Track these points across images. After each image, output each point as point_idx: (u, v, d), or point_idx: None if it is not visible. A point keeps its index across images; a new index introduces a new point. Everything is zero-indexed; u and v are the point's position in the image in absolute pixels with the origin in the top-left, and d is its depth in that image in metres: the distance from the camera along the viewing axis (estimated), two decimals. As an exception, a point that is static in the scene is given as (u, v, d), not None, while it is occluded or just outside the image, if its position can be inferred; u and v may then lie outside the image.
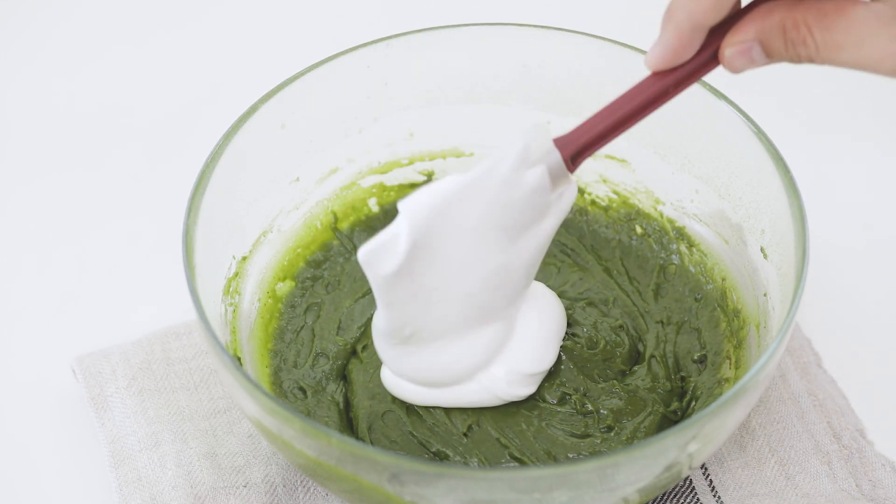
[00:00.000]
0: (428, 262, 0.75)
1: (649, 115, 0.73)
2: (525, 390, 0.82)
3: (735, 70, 0.69)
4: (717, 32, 0.70)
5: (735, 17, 0.69)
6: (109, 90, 1.09)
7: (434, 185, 0.74)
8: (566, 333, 0.85)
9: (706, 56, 0.70)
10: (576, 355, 0.84)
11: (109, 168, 1.04)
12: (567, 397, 0.83)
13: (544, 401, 0.83)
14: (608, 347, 0.85)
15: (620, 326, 0.86)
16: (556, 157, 0.75)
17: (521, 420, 0.82)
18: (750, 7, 0.69)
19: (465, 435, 0.81)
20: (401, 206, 0.74)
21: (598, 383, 0.83)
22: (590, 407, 0.82)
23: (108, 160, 1.04)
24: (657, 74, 0.71)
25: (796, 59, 0.68)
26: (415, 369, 0.81)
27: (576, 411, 0.82)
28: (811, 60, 0.67)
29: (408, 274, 0.75)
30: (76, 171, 1.03)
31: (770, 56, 0.69)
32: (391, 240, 0.74)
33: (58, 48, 1.12)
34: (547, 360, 0.83)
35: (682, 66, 0.71)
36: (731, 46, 0.69)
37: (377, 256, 0.75)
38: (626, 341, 0.86)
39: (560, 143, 0.75)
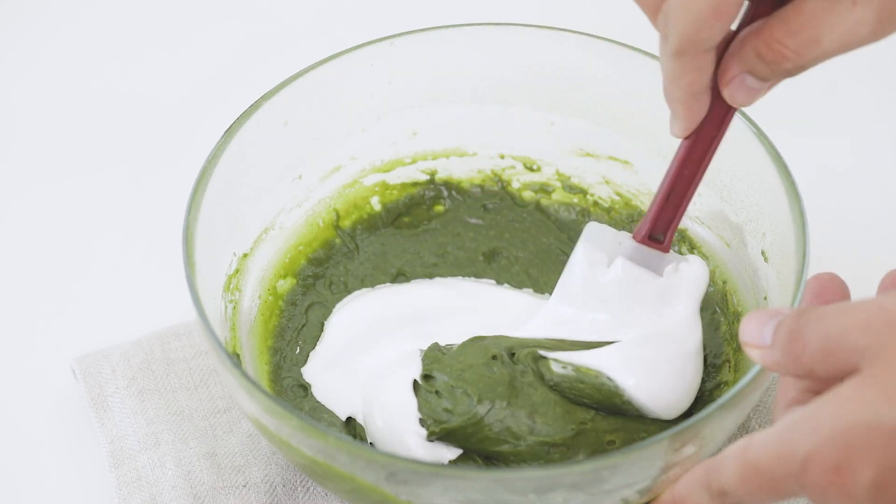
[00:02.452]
0: None
1: (707, 169, 0.79)
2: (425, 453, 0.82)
3: (744, 103, 0.74)
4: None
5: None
6: (110, 87, 1.11)
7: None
8: None
9: (721, 106, 0.76)
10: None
11: (110, 167, 1.05)
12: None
13: None
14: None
15: None
16: (630, 243, 0.83)
17: None
18: (730, 43, 0.74)
19: None
20: None
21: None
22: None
23: (109, 159, 1.06)
24: (692, 134, 0.78)
25: (787, 74, 0.72)
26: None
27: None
28: (802, 68, 0.71)
29: None
30: (76, 171, 1.05)
31: (764, 79, 0.73)
32: None
33: (59, 47, 1.14)
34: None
35: (708, 121, 0.77)
36: (725, 87, 0.74)
37: None
38: None
39: (635, 231, 0.83)
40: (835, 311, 0.67)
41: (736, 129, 0.84)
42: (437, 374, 0.82)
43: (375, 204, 0.95)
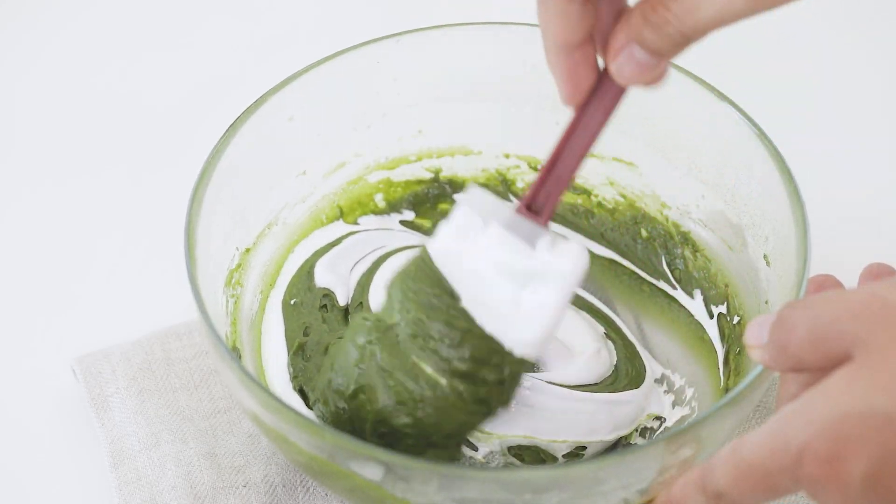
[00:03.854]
0: None
1: (593, 146, 0.78)
2: None
3: (631, 79, 0.73)
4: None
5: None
6: (110, 87, 1.13)
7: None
8: None
9: (612, 83, 0.75)
10: None
11: (110, 167, 1.07)
12: None
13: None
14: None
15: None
16: (508, 211, 0.79)
17: None
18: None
19: None
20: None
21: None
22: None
23: (109, 159, 1.08)
24: (581, 109, 0.77)
25: (671, 41, 0.70)
26: None
27: None
28: (685, 37, 0.70)
29: None
30: (77, 171, 1.07)
31: (652, 51, 0.72)
32: None
33: (59, 47, 1.16)
34: None
35: (598, 92, 0.76)
36: (612, 60, 0.73)
37: None
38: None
39: (522, 199, 0.79)
40: (823, 300, 0.67)
41: (738, 131, 0.87)
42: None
43: (379, 201, 0.98)
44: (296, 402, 0.87)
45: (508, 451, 0.86)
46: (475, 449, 0.86)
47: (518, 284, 0.79)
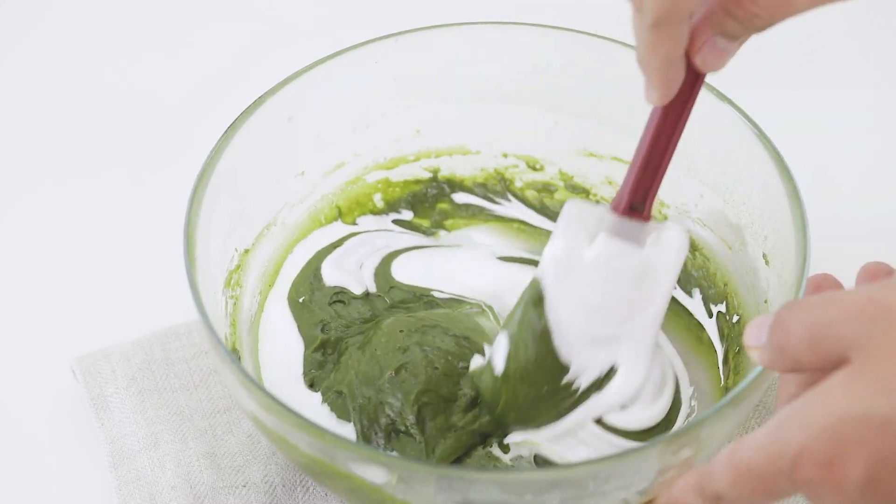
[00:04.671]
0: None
1: (678, 142, 0.80)
2: None
3: (715, 66, 0.75)
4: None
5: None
6: (111, 87, 1.13)
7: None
8: None
9: (691, 73, 0.77)
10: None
11: (110, 167, 1.08)
12: None
13: None
14: None
15: None
16: (610, 217, 0.83)
17: None
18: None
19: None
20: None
21: None
22: None
23: (110, 159, 1.08)
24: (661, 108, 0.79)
25: (758, 30, 0.73)
26: None
27: None
28: (772, 24, 0.72)
29: None
30: (77, 170, 1.08)
31: (734, 39, 0.74)
32: None
33: (60, 47, 1.16)
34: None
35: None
36: (697, 53, 0.75)
37: None
38: None
39: (613, 203, 0.83)
40: (820, 301, 0.67)
41: (737, 131, 0.87)
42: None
43: (378, 201, 0.98)
44: (304, 395, 0.87)
45: (535, 459, 0.87)
46: (507, 451, 0.86)
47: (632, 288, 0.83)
